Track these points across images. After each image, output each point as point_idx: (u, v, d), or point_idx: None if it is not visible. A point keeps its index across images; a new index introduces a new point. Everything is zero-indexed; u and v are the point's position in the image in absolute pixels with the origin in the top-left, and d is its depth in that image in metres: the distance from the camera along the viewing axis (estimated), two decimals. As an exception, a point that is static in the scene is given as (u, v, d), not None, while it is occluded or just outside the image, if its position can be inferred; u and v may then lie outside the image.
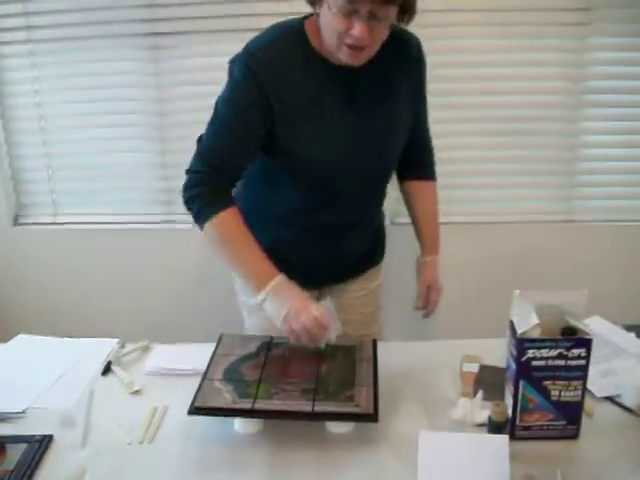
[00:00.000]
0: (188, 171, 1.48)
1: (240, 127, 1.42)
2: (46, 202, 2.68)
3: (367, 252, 1.76)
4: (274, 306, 1.38)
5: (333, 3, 1.28)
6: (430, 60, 2.36)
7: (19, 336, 1.74)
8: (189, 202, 1.46)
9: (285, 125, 1.43)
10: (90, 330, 1.80)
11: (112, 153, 2.59)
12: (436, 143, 2.46)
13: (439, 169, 2.50)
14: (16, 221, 2.69)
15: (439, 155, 2.48)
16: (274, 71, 1.39)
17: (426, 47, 2.34)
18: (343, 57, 1.36)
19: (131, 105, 2.54)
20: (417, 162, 1.73)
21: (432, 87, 2.39)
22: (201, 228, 1.46)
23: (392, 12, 1.30)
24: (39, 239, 2.67)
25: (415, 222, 1.76)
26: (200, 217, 1.44)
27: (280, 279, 1.40)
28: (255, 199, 1.63)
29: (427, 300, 1.72)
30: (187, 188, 1.47)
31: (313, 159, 1.46)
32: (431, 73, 2.37)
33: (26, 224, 2.69)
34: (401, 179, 1.76)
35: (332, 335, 1.40)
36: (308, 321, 1.34)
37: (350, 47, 1.32)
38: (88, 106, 2.54)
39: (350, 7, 1.26)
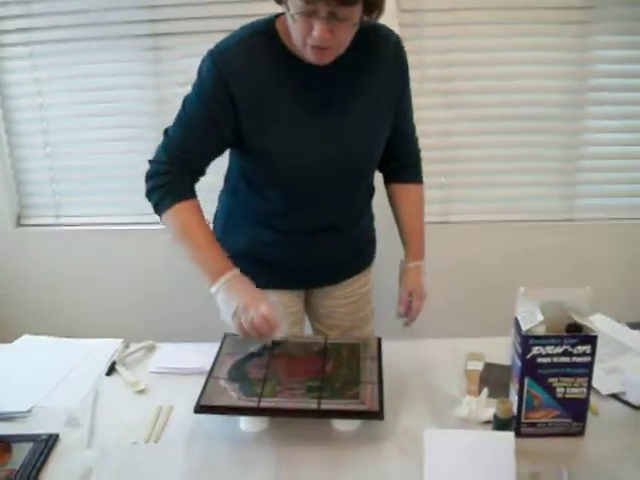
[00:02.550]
0: (151, 161, 1.49)
1: (204, 122, 1.44)
2: (48, 203, 2.69)
3: (353, 255, 1.73)
4: (225, 300, 1.38)
5: (292, 4, 1.26)
6: (432, 59, 2.40)
7: (24, 336, 1.75)
8: (149, 192, 1.47)
9: (254, 124, 1.43)
10: (93, 330, 1.80)
11: (114, 154, 2.60)
12: (438, 142, 2.50)
13: (441, 168, 2.53)
14: (19, 222, 2.70)
15: (441, 154, 2.52)
16: (241, 69, 1.39)
17: (428, 46, 2.37)
18: (308, 57, 1.35)
19: (133, 106, 2.55)
20: (402, 164, 1.69)
21: (434, 86, 2.43)
22: (160, 218, 1.47)
23: (354, 12, 1.27)
24: (42, 240, 2.68)
25: (399, 226, 1.72)
26: (159, 207, 1.45)
27: (233, 273, 1.40)
28: (236, 203, 1.64)
29: (409, 307, 1.68)
30: (149, 177, 1.48)
31: (285, 158, 1.46)
32: (433, 72, 2.41)
33: (29, 225, 2.70)
34: (386, 181, 1.72)
35: (279, 333, 1.40)
36: (256, 318, 1.33)
37: (314, 47, 1.31)
38: (90, 107, 2.55)
39: (309, 8, 1.24)
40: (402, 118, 1.61)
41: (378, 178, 1.71)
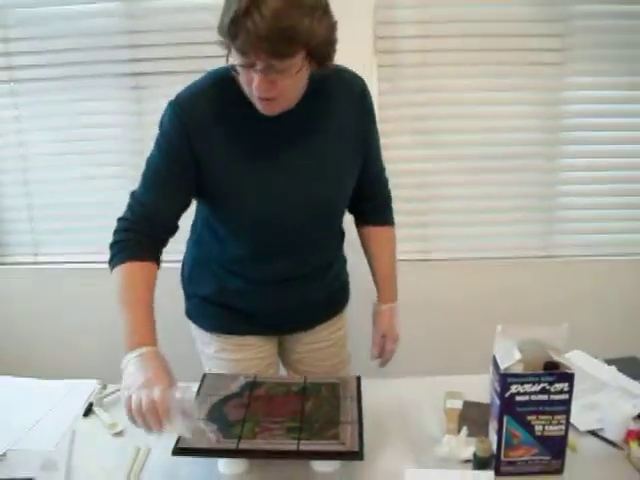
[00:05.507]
0: (119, 219, 1.47)
1: (167, 175, 1.42)
2: (27, 241, 2.66)
3: (324, 302, 1.69)
4: (128, 374, 1.21)
5: (232, 57, 1.26)
6: (409, 99, 2.43)
7: (-1, 378, 1.72)
8: (110, 246, 1.44)
9: (214, 173, 1.42)
10: (70, 371, 1.77)
11: (94, 192, 2.58)
12: (415, 181, 2.52)
13: (419, 207, 2.55)
14: (-5, 260, 2.67)
15: (419, 193, 2.54)
16: (201, 119, 1.38)
17: (406, 86, 2.41)
18: (259, 108, 1.34)
19: (113, 144, 2.55)
20: (371, 206, 1.69)
21: (412, 125, 2.46)
22: (111, 273, 1.42)
23: (292, 65, 1.23)
24: (19, 279, 2.65)
25: (371, 268, 1.72)
26: (111, 262, 1.42)
27: (149, 349, 1.25)
28: (202, 251, 1.63)
29: (382, 349, 1.69)
30: (113, 233, 1.45)
31: (248, 207, 1.44)
32: (410, 112, 2.44)
33: (6, 264, 2.67)
34: (357, 224, 1.72)
35: (175, 429, 1.17)
36: (145, 401, 1.13)
37: (259, 98, 1.30)
38: (70, 145, 2.55)
39: (245, 61, 1.23)
40: (369, 161, 1.59)
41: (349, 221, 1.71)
